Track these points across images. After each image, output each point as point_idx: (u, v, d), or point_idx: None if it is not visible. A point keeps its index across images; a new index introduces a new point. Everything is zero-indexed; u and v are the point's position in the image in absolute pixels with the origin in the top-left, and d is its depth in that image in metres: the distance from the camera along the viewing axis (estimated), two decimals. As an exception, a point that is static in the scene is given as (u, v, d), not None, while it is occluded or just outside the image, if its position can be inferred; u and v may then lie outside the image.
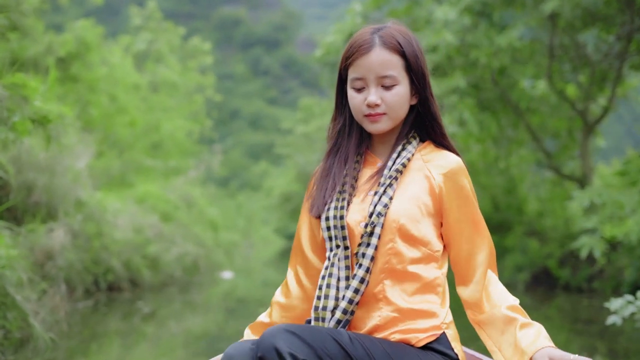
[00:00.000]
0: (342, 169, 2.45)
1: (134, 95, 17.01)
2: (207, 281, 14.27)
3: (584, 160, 13.08)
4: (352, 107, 2.43)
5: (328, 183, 2.45)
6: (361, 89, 2.40)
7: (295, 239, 2.58)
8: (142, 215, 12.04)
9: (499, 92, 12.87)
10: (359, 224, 2.36)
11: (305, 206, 2.53)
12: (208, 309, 10.23)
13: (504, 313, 2.34)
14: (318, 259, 2.52)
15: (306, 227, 2.55)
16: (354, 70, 2.40)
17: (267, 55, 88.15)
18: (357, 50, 2.38)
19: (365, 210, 2.37)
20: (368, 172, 2.47)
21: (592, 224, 10.01)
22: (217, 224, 17.88)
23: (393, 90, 2.38)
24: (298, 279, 2.54)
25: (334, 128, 2.53)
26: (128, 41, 18.89)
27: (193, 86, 20.85)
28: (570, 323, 8.87)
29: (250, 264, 23.68)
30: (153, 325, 8.12)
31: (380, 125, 2.40)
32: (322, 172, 2.50)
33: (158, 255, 11.89)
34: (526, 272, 13.18)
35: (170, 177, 16.89)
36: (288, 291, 2.55)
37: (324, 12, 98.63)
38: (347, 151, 2.48)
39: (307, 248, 2.54)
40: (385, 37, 2.38)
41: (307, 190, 2.56)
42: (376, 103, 2.37)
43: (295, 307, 2.54)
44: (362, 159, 2.49)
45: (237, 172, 55.39)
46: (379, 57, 2.36)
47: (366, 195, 2.41)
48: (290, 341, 2.08)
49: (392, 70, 2.37)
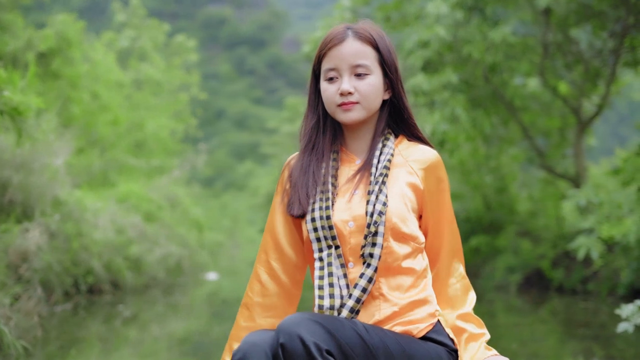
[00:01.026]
0: (320, 167, 2.47)
1: (117, 92, 16.77)
2: (192, 283, 14.20)
3: (577, 159, 12.83)
4: (326, 98, 2.45)
5: (308, 181, 2.45)
6: (334, 78, 2.42)
7: (267, 236, 2.56)
8: (124, 215, 11.86)
9: (491, 89, 12.59)
10: (347, 223, 2.38)
11: (278, 202, 2.55)
12: (192, 312, 10.13)
13: (454, 323, 2.47)
14: (296, 255, 2.54)
15: (282, 224, 2.54)
16: (327, 61, 2.44)
17: (253, 55, 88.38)
18: (330, 41, 2.43)
19: (352, 210, 2.39)
20: (347, 170, 2.50)
21: (589, 224, 9.74)
22: (201, 224, 17.71)
23: (366, 79, 2.41)
24: (274, 275, 2.53)
25: (307, 124, 2.54)
26: (111, 37, 18.62)
27: (178, 84, 20.61)
28: (564, 326, 8.67)
29: (235, 264, 23.72)
30: (135, 329, 7.94)
31: (353, 114, 2.42)
32: (299, 170, 2.49)
33: (140, 256, 11.75)
34: (518, 273, 12.95)
35: (154, 176, 16.70)
36: (265, 289, 2.53)
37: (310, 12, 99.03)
38: (323, 148, 2.50)
39: (286, 244, 2.53)
40: (358, 30, 2.44)
41: (279, 185, 2.56)
42: (349, 91, 2.39)
43: (275, 304, 2.53)
44: (338, 156, 2.51)
45: (222, 172, 55.50)
46: (352, 47, 2.41)
47: (352, 195, 2.43)
48: (313, 330, 2.10)
49: (365, 59, 2.41)
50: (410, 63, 11.39)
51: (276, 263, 2.54)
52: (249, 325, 2.52)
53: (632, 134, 42.89)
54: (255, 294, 2.54)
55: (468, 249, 14.09)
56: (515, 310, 10.70)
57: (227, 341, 2.56)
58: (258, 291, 2.54)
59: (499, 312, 10.08)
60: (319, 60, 2.48)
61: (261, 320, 2.52)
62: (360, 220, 2.37)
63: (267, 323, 2.51)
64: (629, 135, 43.67)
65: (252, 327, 2.51)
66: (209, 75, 65.25)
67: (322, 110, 2.52)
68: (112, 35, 18.85)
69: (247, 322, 2.53)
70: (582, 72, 12.73)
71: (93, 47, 16.05)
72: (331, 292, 2.32)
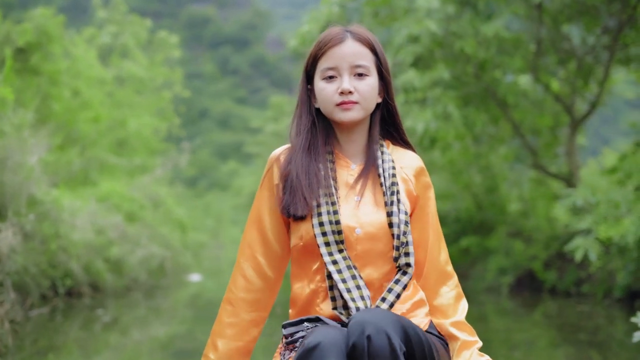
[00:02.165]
0: (319, 168, 2.46)
1: (99, 89, 16.50)
2: (174, 284, 14.14)
3: (569, 158, 12.58)
4: (323, 98, 2.46)
5: (312, 182, 2.44)
6: (332, 78, 2.44)
7: (252, 230, 2.57)
8: (104, 215, 11.69)
9: (482, 87, 12.32)
10: (354, 230, 2.40)
11: (265, 196, 2.54)
12: (175, 315, 10.03)
13: (448, 331, 2.50)
14: (281, 248, 2.55)
15: (269, 217, 2.54)
16: (326, 60, 2.45)
17: (236, 55, 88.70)
18: (329, 41, 2.44)
19: (359, 217, 2.41)
20: (344, 174, 2.50)
21: (587, 225, 9.45)
22: (184, 224, 17.50)
23: (365, 80, 2.44)
24: (260, 270, 2.55)
25: (301, 124, 2.52)
26: (92, 33, 18.32)
27: (160, 81, 20.33)
28: (557, 329, 8.47)
29: (219, 264, 23.90)
30: (116, 334, 7.87)
31: (352, 113, 2.44)
32: (298, 169, 2.46)
33: (121, 257, 11.59)
34: (510, 275, 12.77)
35: (136, 175, 16.48)
36: (250, 284, 2.55)
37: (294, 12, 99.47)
38: (318, 149, 2.50)
39: (273, 238, 2.54)
40: (356, 32, 2.47)
41: (265, 180, 2.55)
42: (350, 90, 2.41)
43: (260, 300, 2.55)
44: (333, 158, 2.51)
45: (206, 171, 55.68)
46: (352, 47, 2.44)
47: (358, 202, 2.45)
48: (397, 329, 2.16)
49: (364, 60, 2.44)
50: (400, 59, 11.11)
51: (262, 258, 2.55)
52: (233, 321, 2.54)
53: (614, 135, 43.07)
54: (239, 290, 2.55)
55: (458, 250, 13.91)
56: (507, 313, 10.57)
57: (210, 337, 2.55)
58: (242, 286, 2.55)
59: (490, 315, 9.91)
60: (315, 59, 2.49)
61: (245, 315, 2.54)
62: (368, 228, 2.40)
63: (251, 317, 2.54)
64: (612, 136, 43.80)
65: (237, 323, 2.53)
66: (193, 75, 65.32)
67: (315, 110, 2.53)
68: (93, 31, 18.55)
69: (230, 317, 2.54)
70: (574, 69, 12.50)
71: (74, 42, 15.80)
72: (360, 294, 2.33)
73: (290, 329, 2.37)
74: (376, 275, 2.41)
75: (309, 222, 2.41)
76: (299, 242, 2.46)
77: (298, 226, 2.46)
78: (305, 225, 2.42)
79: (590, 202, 9.62)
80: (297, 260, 2.51)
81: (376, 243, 2.41)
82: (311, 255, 2.45)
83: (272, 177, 2.54)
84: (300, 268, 2.49)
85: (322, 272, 2.42)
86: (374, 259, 2.41)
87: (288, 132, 2.57)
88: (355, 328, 2.13)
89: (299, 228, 2.45)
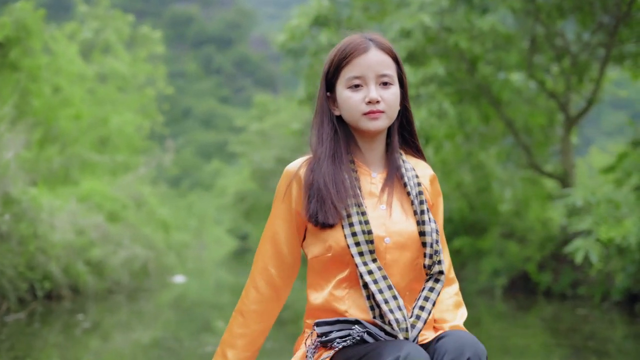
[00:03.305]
0: (344, 178, 2.47)
1: (80, 86, 16.20)
2: (158, 286, 13.84)
3: (564, 157, 12.31)
4: (349, 106, 2.46)
5: (340, 191, 2.45)
6: (358, 87, 2.45)
7: (267, 245, 2.59)
8: (85, 215, 11.37)
9: (475, 83, 12.02)
10: (383, 239, 2.42)
11: (282, 209, 2.56)
12: (158, 318, 9.84)
13: None
14: (293, 259, 2.59)
15: (284, 231, 2.57)
16: (352, 69, 2.45)
17: (220, 54, 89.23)
18: (355, 50, 2.45)
19: (387, 226, 2.44)
20: (366, 183, 2.52)
21: (587, 225, 9.15)
22: (168, 224, 17.19)
23: (390, 89, 2.46)
24: (272, 281, 2.59)
25: (325, 133, 2.52)
26: (73, 28, 17.95)
27: (143, 78, 20.03)
28: (553, 333, 8.27)
29: (202, 265, 23.94)
30: (97, 338, 7.54)
31: (379, 122, 2.45)
32: (325, 178, 2.46)
33: (103, 259, 11.27)
34: (503, 276, 12.61)
35: (119, 174, 16.22)
36: (260, 296, 2.59)
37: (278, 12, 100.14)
38: (342, 157, 2.50)
39: (287, 251, 2.57)
40: (379, 41, 2.47)
41: (282, 194, 2.56)
42: (377, 99, 2.42)
43: (270, 310, 2.60)
44: (355, 167, 2.52)
45: (189, 171, 56.08)
46: (377, 56, 2.45)
47: (389, 211, 2.47)
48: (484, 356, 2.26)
49: (389, 69, 2.46)
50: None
51: (274, 270, 2.59)
52: (244, 332, 2.58)
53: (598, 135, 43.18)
54: (251, 301, 2.59)
55: (450, 251, 13.51)
56: (501, 316, 10.46)
57: (219, 346, 2.60)
58: (254, 298, 2.59)
59: (483, 318, 9.72)
60: (338, 68, 2.48)
61: (255, 326, 2.59)
62: (397, 237, 2.43)
63: (261, 328, 2.59)
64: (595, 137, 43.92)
65: (247, 334, 2.58)
66: (176, 74, 65.39)
67: (335, 118, 2.53)
68: (74, 26, 18.17)
69: (241, 328, 2.59)
70: (568, 66, 12.25)
71: (54, 38, 15.48)
72: (397, 305, 2.36)
73: (325, 327, 2.39)
74: (403, 285, 2.44)
75: (338, 232, 2.42)
76: (326, 253, 2.46)
77: (324, 236, 2.46)
78: (334, 235, 2.43)
79: (590, 202, 9.31)
80: (319, 270, 2.51)
81: (404, 252, 2.43)
82: (338, 265, 2.46)
83: (291, 190, 2.54)
84: (321, 278, 2.50)
85: (350, 281, 2.43)
86: (401, 268, 2.44)
87: (308, 140, 2.58)
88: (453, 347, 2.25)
89: (325, 238, 2.46)
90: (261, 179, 34.00)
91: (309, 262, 2.53)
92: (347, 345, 2.34)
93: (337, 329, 2.39)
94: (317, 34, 12.09)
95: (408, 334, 2.35)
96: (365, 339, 2.34)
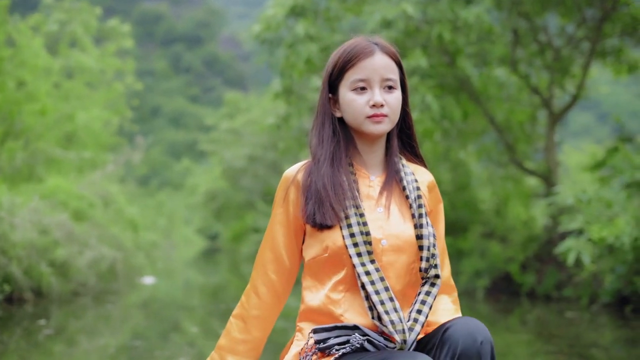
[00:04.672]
0: (343, 180, 2.51)
1: (45, 80, 15.68)
2: (126, 288, 13.44)
3: (548, 154, 11.99)
4: (353, 109, 2.51)
5: (338, 192, 2.48)
6: (363, 90, 2.49)
7: (266, 251, 2.63)
8: (48, 213, 10.90)
9: (456, 77, 11.66)
10: (380, 241, 2.46)
11: (280, 213, 2.60)
12: (127, 321, 9.54)
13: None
14: (292, 264, 2.62)
15: (283, 236, 2.61)
16: (357, 71, 2.49)
17: (189, 52, 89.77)
18: (360, 53, 2.49)
19: (384, 229, 2.47)
20: (365, 185, 2.56)
21: (578, 225, 8.79)
22: (137, 224, 16.77)
23: (394, 93, 2.50)
24: (272, 287, 2.61)
25: (325, 134, 2.57)
26: (38, 20, 17.44)
27: (112, 73, 19.54)
28: (536, 336, 8.04)
29: (171, 265, 23.94)
30: (61, 344, 7.25)
31: (382, 126, 2.49)
32: (323, 179, 2.51)
33: (68, 259, 10.84)
34: (485, 277, 12.37)
35: (85, 171, 15.82)
36: (261, 302, 2.62)
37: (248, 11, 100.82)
38: (341, 160, 2.54)
39: (286, 256, 2.61)
40: (383, 46, 2.52)
41: (280, 199, 2.60)
42: (382, 103, 2.47)
43: (269, 316, 2.62)
44: (354, 170, 2.56)
45: (158, 170, 56.51)
46: (382, 60, 2.49)
47: (387, 213, 2.50)
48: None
49: (393, 74, 2.51)
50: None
51: (274, 275, 2.62)
52: (246, 338, 2.60)
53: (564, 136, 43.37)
54: (252, 307, 2.61)
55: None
56: (482, 319, 9.81)
57: (216, 352, 2.61)
58: (255, 304, 2.61)
59: (465, 321, 9.21)
60: (342, 70, 2.52)
61: (257, 332, 2.61)
62: (394, 240, 2.46)
63: (262, 335, 2.61)
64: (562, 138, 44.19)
65: (249, 340, 2.59)
66: (144, 72, 65.32)
67: (336, 120, 2.57)
68: (39, 17, 17.67)
69: (243, 334, 2.60)
70: (552, 61, 11.94)
71: (18, 29, 14.95)
72: (394, 307, 2.38)
73: (322, 334, 2.39)
74: (398, 288, 2.45)
75: (336, 232, 2.44)
76: (323, 254, 2.49)
77: (322, 237, 2.49)
78: (331, 236, 2.46)
79: (581, 200, 8.95)
80: (315, 272, 2.53)
81: (400, 255, 2.45)
82: (335, 266, 2.48)
83: (289, 195, 2.57)
84: (317, 280, 2.52)
85: (346, 282, 2.44)
86: (397, 271, 2.46)
87: (307, 141, 2.63)
88: (463, 333, 2.27)
89: (322, 239, 2.49)
90: (232, 177, 34.00)
91: (306, 264, 2.55)
92: (346, 353, 2.32)
93: (335, 335, 2.38)
94: (294, 25, 11.70)
95: (405, 335, 2.34)
96: (366, 347, 2.32)
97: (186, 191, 46.83)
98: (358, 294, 2.43)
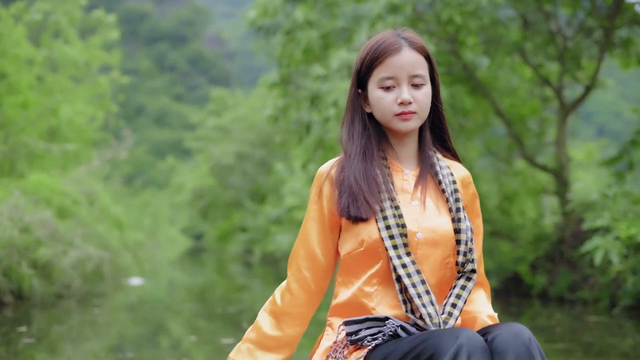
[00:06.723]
0: (376, 174, 2.53)
1: (28, 72, 15.33)
2: (113, 290, 13.14)
3: (559, 148, 11.49)
4: (381, 107, 2.53)
5: (371, 186, 2.50)
6: (390, 87, 2.51)
7: (300, 247, 2.65)
8: (30, 210, 10.55)
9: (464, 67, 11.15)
10: (415, 234, 2.48)
11: (314, 210, 2.62)
12: (113, 325, 9.19)
13: (483, 319, 2.55)
14: (327, 262, 2.63)
15: (317, 232, 2.63)
16: (384, 69, 2.50)
17: (174, 51, 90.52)
18: (387, 49, 2.48)
19: (419, 222, 2.48)
20: (399, 179, 2.58)
21: (605, 222, 8.26)
22: (122, 223, 16.40)
23: (422, 89, 2.51)
24: (306, 285, 2.63)
25: (355, 130, 2.60)
26: (20, 8, 16.95)
27: (97, 66, 19.15)
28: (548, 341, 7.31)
29: (157, 265, 23.94)
30: (43, 350, 6.91)
31: (411, 123, 2.51)
32: (356, 174, 2.52)
33: (51, 260, 10.49)
34: (494, 278, 11.83)
35: (69, 166, 15.49)
36: (294, 299, 2.62)
37: (232, 10, 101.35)
38: (373, 154, 2.57)
39: (319, 252, 2.62)
40: (411, 40, 2.52)
41: (314, 196, 2.63)
42: (410, 101, 2.48)
43: (303, 314, 2.63)
44: (387, 163, 2.59)
45: (142, 169, 57.25)
46: (409, 56, 2.48)
47: (422, 207, 2.51)
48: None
49: (421, 70, 2.50)
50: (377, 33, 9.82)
51: (308, 272, 2.63)
52: (277, 335, 2.60)
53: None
54: (285, 304, 2.62)
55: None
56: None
57: (244, 344, 2.61)
58: (289, 301, 2.62)
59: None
60: (370, 67, 2.52)
61: (290, 330, 2.61)
62: (429, 233, 2.47)
63: (295, 332, 2.61)
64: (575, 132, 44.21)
65: (280, 337, 2.60)
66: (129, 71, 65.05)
67: (366, 116, 2.59)
68: (21, 6, 17.20)
69: (275, 331, 2.61)
70: (563, 50, 11.46)
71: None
72: (430, 300, 2.39)
73: (353, 326, 2.40)
74: (432, 282, 2.46)
75: (371, 225, 2.46)
76: (359, 247, 2.51)
77: (357, 230, 2.51)
78: (367, 229, 2.48)
79: (608, 196, 8.41)
80: (350, 267, 2.55)
81: (435, 249, 2.46)
82: (370, 260, 2.49)
83: (323, 191, 2.60)
84: (352, 274, 2.54)
85: (380, 276, 2.46)
86: (432, 265, 2.46)
87: (339, 137, 2.64)
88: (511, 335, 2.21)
89: (358, 232, 2.51)
90: (220, 175, 33.88)
91: (341, 260, 2.57)
92: (379, 343, 2.31)
93: (366, 326, 2.39)
94: (292, 11, 11.19)
95: (440, 329, 2.33)
96: (399, 334, 2.32)
97: (171, 190, 47.09)
98: (391, 287, 2.43)
